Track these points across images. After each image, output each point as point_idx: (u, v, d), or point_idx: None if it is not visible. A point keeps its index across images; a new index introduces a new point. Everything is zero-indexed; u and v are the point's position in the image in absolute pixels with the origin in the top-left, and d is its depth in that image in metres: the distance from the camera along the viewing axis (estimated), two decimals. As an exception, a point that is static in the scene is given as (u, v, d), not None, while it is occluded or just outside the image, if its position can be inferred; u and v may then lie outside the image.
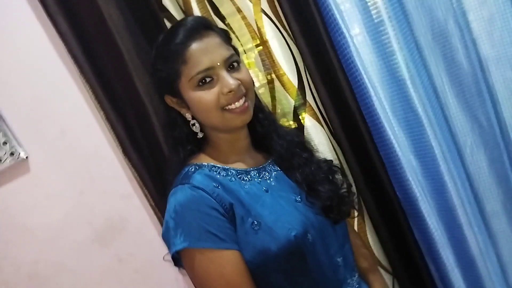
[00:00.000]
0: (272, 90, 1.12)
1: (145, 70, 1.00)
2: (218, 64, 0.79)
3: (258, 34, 1.08)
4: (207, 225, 0.75)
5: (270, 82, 1.11)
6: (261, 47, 1.10)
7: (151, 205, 1.07)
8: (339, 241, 0.90)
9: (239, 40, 1.10)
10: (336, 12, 1.05)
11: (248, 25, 1.08)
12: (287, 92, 1.11)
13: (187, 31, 0.79)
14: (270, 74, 1.12)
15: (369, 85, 1.11)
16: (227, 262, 0.76)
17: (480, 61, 1.29)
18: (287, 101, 1.11)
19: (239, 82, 0.81)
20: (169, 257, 0.79)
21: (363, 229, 1.22)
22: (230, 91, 0.79)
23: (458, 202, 1.25)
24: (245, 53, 1.12)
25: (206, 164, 0.85)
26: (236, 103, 0.81)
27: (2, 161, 1.01)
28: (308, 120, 1.12)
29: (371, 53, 1.19)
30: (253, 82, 0.87)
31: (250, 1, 1.06)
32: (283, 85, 1.11)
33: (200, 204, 0.77)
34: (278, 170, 0.92)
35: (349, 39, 1.07)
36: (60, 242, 1.07)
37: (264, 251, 0.78)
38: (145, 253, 1.05)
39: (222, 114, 0.81)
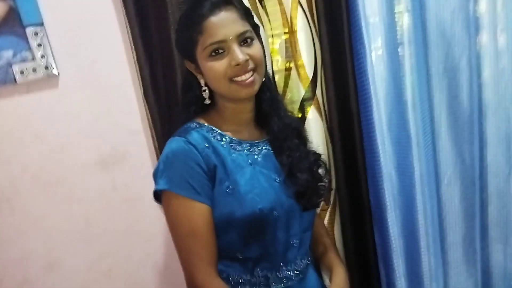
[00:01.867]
0: (287, 78, 1.22)
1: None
2: (230, 38, 0.85)
3: (289, 23, 1.18)
4: (189, 177, 0.85)
5: (287, 70, 1.22)
6: (288, 36, 1.21)
7: (154, 146, 1.18)
8: (302, 226, 0.98)
9: (270, 23, 1.20)
10: (363, 22, 1.15)
11: (282, 12, 1.18)
12: (301, 83, 1.22)
13: (208, 4, 0.86)
14: (290, 62, 1.23)
15: (373, 97, 1.21)
16: (196, 212, 0.86)
17: (481, 104, 1.39)
18: (298, 90, 1.22)
19: (248, 57, 0.86)
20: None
21: (331, 222, 1.34)
22: (237, 64, 0.85)
23: (422, 222, 1.37)
24: (272, 37, 1.22)
25: (206, 125, 0.93)
26: (243, 76, 0.87)
27: (36, 71, 1.12)
28: (311, 113, 1.23)
29: (384, 69, 1.30)
30: (264, 60, 0.92)
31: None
32: (298, 75, 1.22)
33: (188, 158, 0.86)
34: (269, 149, 0.98)
35: (367, 51, 1.18)
36: (66, 155, 1.19)
37: (229, 213, 0.88)
38: (137, 187, 1.16)
39: (229, 84, 0.88)
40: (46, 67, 1.13)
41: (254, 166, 0.94)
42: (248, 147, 0.95)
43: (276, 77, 1.24)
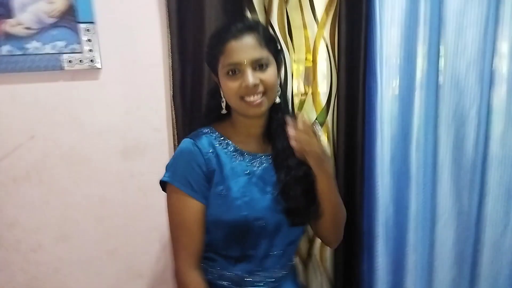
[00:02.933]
0: (302, 102, 1.32)
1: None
2: (245, 62, 0.93)
3: (312, 52, 1.29)
4: (189, 175, 0.95)
5: (304, 95, 1.32)
6: (310, 64, 1.31)
7: (174, 143, 1.30)
8: (287, 239, 1.04)
9: (294, 49, 1.30)
10: (378, 62, 1.25)
11: (307, 41, 1.29)
12: (314, 108, 1.32)
13: (233, 28, 0.95)
14: (308, 87, 1.33)
15: (379, 132, 1.30)
16: (188, 206, 0.96)
17: (486, 155, 1.43)
18: (311, 115, 1.32)
19: (259, 81, 0.94)
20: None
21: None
22: (246, 87, 0.93)
23: (412, 258, 1.43)
24: (295, 62, 1.32)
25: (217, 132, 1.02)
26: (252, 97, 0.94)
27: (82, 63, 1.27)
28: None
29: (394, 108, 1.38)
30: (276, 85, 0.98)
31: (317, 24, 1.27)
32: (313, 101, 1.32)
33: (192, 158, 0.96)
34: (270, 163, 1.04)
35: (379, 88, 1.27)
36: (95, 140, 1.32)
37: (217, 214, 0.97)
38: (152, 178, 1.26)
39: (239, 102, 0.96)
40: (91, 60, 1.27)
41: (251, 176, 1.00)
42: (250, 158, 1.02)
43: (295, 99, 1.34)
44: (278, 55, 1.01)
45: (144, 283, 1.45)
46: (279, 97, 1.01)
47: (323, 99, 1.31)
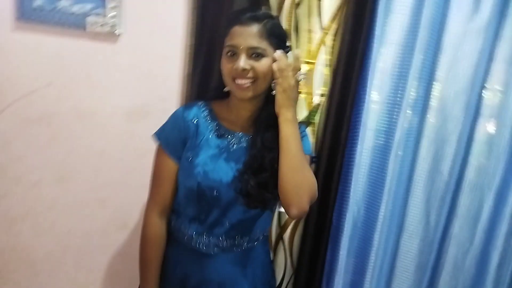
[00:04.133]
0: (297, 98, 1.42)
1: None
2: (241, 47, 1.01)
3: (312, 55, 1.38)
4: (170, 136, 1.11)
5: (298, 93, 1.41)
6: (309, 67, 1.41)
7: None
8: (241, 216, 1.10)
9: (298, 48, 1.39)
10: (370, 73, 1.35)
11: (310, 44, 1.38)
12: (305, 106, 1.42)
13: (241, 16, 1.03)
14: (304, 87, 1.43)
15: (361, 139, 1.40)
16: (163, 162, 1.12)
17: (459, 180, 1.51)
18: (301, 110, 1.42)
19: (249, 67, 1.01)
20: None
21: (294, 228, 1.53)
22: (236, 69, 1.01)
23: (373, 259, 1.53)
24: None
25: (210, 108, 1.13)
26: (241, 80, 1.03)
27: (103, 27, 1.38)
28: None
29: (379, 119, 1.45)
30: (268, 76, 1.03)
31: (322, 30, 1.36)
32: (306, 100, 1.42)
33: (176, 123, 1.11)
34: (246, 145, 1.10)
35: (367, 100, 1.37)
36: (105, 99, 1.44)
37: (180, 176, 1.10)
38: (149, 142, 1.38)
39: (231, 83, 1.06)
40: (112, 26, 1.39)
41: (222, 151, 1.09)
42: (228, 136, 1.11)
43: None
44: (281, 48, 1.06)
45: (128, 233, 1.59)
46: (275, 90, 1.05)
47: (315, 100, 1.41)
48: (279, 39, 1.07)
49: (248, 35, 1.02)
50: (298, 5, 1.35)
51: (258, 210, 1.12)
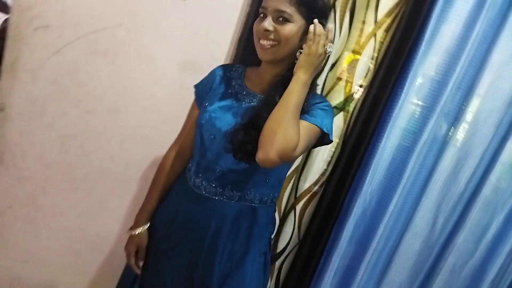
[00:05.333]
0: (335, 84, 1.50)
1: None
2: (269, 9, 1.07)
3: (360, 45, 1.46)
4: (201, 86, 1.28)
5: (339, 79, 1.50)
6: (355, 55, 1.48)
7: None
8: (230, 165, 1.17)
9: (348, 37, 1.47)
10: (409, 78, 1.41)
11: (359, 35, 1.45)
12: (343, 93, 1.51)
13: None
14: (344, 74, 1.50)
15: (385, 138, 1.48)
16: (192, 110, 1.32)
17: (474, 196, 1.59)
18: (338, 96, 1.51)
19: (272, 29, 1.07)
20: None
21: (307, 203, 1.64)
22: (260, 29, 1.09)
23: (372, 248, 1.64)
24: (346, 49, 1.48)
25: (243, 70, 1.26)
26: (263, 40, 1.10)
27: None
28: (337, 118, 1.50)
29: (407, 122, 1.52)
30: (290, 42, 1.08)
31: (375, 23, 1.42)
32: (345, 88, 1.50)
33: (209, 76, 1.28)
34: (256, 104, 1.17)
35: (400, 102, 1.44)
36: (162, 45, 1.59)
37: (196, 120, 1.24)
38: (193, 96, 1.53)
39: (257, 43, 1.13)
40: (185, -17, 1.52)
41: (234, 106, 1.19)
42: (247, 94, 1.20)
43: (329, 77, 1.50)
44: (311, 20, 1.08)
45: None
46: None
47: (353, 89, 1.49)
48: (309, 8, 1.09)
49: (280, 1, 1.07)
50: (355, -1, 1.42)
51: (248, 166, 1.15)
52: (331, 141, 1.19)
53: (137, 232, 1.32)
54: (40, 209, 1.76)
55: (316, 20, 1.07)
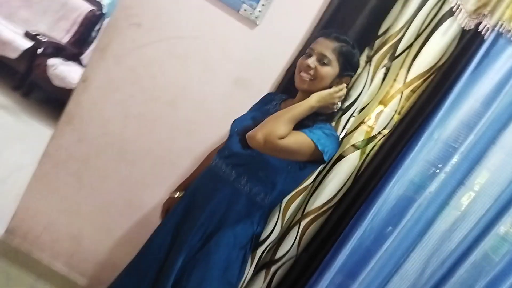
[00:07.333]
0: (359, 125, 1.71)
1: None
2: (316, 51, 1.35)
3: (387, 99, 1.68)
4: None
5: (363, 123, 1.70)
6: (381, 106, 1.71)
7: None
8: (239, 157, 1.43)
9: (378, 91, 1.70)
10: (425, 135, 1.61)
11: (388, 90, 1.68)
12: (364, 135, 1.72)
13: (330, 32, 1.38)
14: (368, 120, 1.73)
15: (390, 188, 1.67)
16: None
17: (465, 257, 1.70)
18: (359, 136, 1.71)
19: (314, 67, 1.33)
20: None
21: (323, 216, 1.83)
22: (304, 64, 1.35)
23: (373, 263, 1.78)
24: (374, 99, 1.73)
25: (286, 98, 1.57)
26: (303, 73, 1.36)
27: (251, 14, 1.82)
28: (353, 155, 1.70)
29: (416, 174, 1.72)
30: (323, 80, 1.35)
31: (404, 83, 1.64)
32: (366, 132, 1.71)
33: (262, 97, 1.64)
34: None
35: (412, 155, 1.63)
36: (222, 61, 1.89)
37: None
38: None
39: (297, 74, 1.39)
40: (257, 17, 1.82)
41: (261, 114, 1.49)
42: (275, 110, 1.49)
43: (353, 120, 1.71)
44: (345, 70, 1.38)
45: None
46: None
47: (373, 133, 1.70)
48: (346, 61, 1.37)
49: (326, 46, 1.35)
50: (393, 58, 1.65)
51: (249, 154, 1.39)
52: (324, 161, 1.37)
53: (175, 196, 1.67)
54: (89, 169, 2.07)
55: (343, 85, 1.37)
